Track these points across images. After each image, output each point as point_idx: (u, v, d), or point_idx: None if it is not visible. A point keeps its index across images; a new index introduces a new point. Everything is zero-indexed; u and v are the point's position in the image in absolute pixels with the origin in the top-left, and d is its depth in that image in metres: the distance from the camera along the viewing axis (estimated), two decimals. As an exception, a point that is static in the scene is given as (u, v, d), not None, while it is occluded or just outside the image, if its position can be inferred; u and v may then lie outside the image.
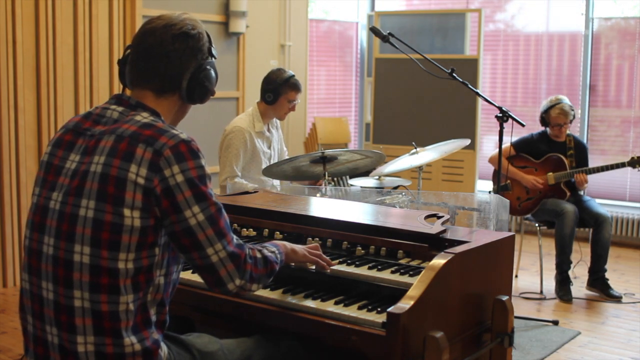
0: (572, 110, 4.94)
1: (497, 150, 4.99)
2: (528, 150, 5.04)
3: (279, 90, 3.95)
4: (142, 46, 1.84)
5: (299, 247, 2.10)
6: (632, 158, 4.78)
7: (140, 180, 1.67)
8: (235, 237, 1.80)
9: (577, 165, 4.97)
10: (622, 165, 4.81)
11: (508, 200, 2.95)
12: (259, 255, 1.86)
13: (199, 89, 1.88)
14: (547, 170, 4.97)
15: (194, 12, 1.94)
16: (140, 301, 1.71)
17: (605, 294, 4.75)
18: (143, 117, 1.77)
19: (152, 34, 1.83)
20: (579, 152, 5.01)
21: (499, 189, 4.03)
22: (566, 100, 4.98)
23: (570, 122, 4.95)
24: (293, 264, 2.15)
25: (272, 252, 1.93)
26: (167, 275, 1.77)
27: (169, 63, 1.83)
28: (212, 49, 1.92)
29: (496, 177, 4.97)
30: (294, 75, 4.02)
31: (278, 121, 4.27)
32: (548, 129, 5.00)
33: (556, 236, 4.79)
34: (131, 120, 1.76)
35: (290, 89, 3.97)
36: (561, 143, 4.99)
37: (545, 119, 4.98)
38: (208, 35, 1.92)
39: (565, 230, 4.71)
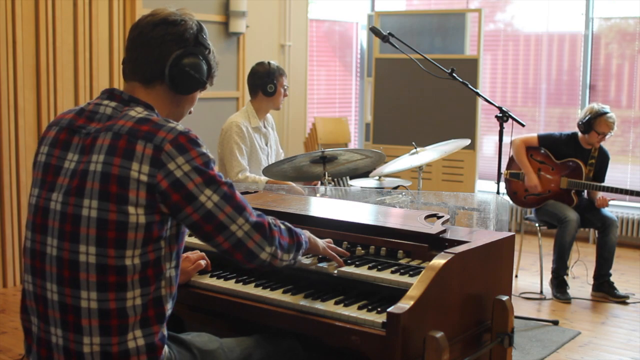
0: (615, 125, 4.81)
1: (520, 137, 4.99)
2: (552, 148, 4.95)
3: (275, 80, 4.07)
4: (129, 40, 1.86)
5: (319, 239, 2.12)
6: None
7: (143, 178, 1.66)
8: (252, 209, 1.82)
9: (595, 175, 4.89)
10: (637, 194, 4.76)
11: (508, 201, 2.95)
12: (282, 225, 1.90)
13: (182, 76, 1.81)
14: (563, 173, 4.90)
15: (194, 12, 1.92)
16: (152, 295, 1.71)
17: (612, 295, 4.75)
18: (137, 112, 1.75)
19: (136, 27, 1.84)
20: (600, 162, 4.91)
21: (500, 178, 3.99)
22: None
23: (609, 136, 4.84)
24: (312, 254, 2.17)
25: (296, 229, 1.96)
26: (177, 268, 1.79)
27: (150, 50, 1.81)
28: (203, 38, 1.87)
29: (513, 161, 5.00)
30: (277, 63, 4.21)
31: (273, 122, 4.30)
32: (585, 135, 4.79)
33: (556, 243, 4.79)
34: (125, 115, 1.74)
35: (282, 76, 4.13)
36: (586, 150, 4.88)
37: (591, 124, 4.73)
38: (200, 26, 1.87)
39: (565, 238, 4.71)
